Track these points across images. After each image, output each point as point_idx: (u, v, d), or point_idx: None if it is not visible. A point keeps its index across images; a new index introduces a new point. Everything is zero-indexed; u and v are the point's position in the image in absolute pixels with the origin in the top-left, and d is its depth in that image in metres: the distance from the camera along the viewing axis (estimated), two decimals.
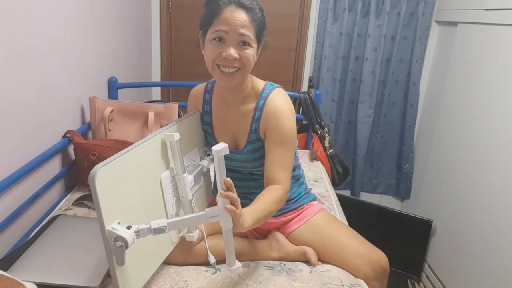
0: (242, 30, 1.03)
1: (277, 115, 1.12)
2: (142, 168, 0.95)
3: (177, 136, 1.02)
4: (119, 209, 0.86)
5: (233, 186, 0.91)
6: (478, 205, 1.97)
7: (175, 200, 1.09)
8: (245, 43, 1.04)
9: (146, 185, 0.97)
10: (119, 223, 0.84)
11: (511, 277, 1.70)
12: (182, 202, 1.09)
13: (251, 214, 0.97)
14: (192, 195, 1.10)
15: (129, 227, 0.83)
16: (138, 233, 0.84)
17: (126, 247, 0.81)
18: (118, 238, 0.80)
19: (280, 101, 1.14)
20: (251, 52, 1.06)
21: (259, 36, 1.08)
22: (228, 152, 0.87)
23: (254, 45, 1.07)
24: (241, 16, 1.03)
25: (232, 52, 1.03)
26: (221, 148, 0.88)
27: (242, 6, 1.03)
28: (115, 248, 0.81)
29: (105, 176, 0.81)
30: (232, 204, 0.89)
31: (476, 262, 1.95)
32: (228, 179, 0.90)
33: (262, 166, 1.18)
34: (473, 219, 2.01)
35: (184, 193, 1.07)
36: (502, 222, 1.78)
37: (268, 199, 1.06)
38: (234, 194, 0.89)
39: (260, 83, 1.19)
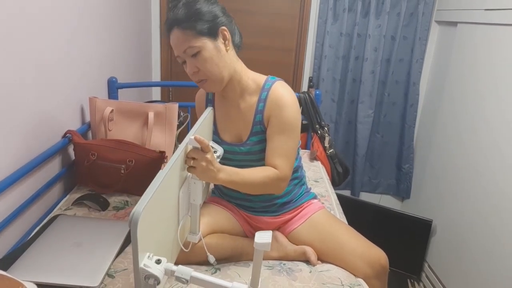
0: (182, 47, 1.08)
1: (280, 103, 1.14)
2: (167, 193, 0.93)
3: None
4: (149, 241, 0.84)
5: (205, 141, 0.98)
6: (478, 205, 1.97)
7: (186, 205, 1.08)
8: (194, 54, 1.08)
9: (167, 206, 0.95)
10: (148, 256, 0.82)
11: (511, 277, 1.70)
12: (191, 204, 1.08)
13: (227, 169, 1.06)
14: (201, 198, 1.09)
15: (158, 261, 0.81)
16: (168, 271, 0.83)
17: (158, 283, 0.80)
18: (150, 275, 0.79)
19: (283, 91, 1.16)
20: (202, 55, 1.08)
21: (203, 30, 1.07)
22: (269, 249, 0.81)
23: (202, 41, 1.07)
24: (175, 36, 1.08)
25: (189, 69, 1.12)
26: (264, 242, 0.79)
27: (175, 24, 1.08)
28: (147, 284, 0.80)
29: (145, 216, 0.78)
30: (203, 150, 0.98)
31: (476, 262, 1.95)
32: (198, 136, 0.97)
33: (264, 160, 1.18)
34: (473, 219, 2.01)
35: (195, 197, 1.06)
36: (502, 222, 1.78)
37: (253, 169, 1.12)
38: (206, 141, 0.97)
39: (261, 77, 1.21)
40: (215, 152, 1.22)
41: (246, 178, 1.09)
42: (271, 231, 0.81)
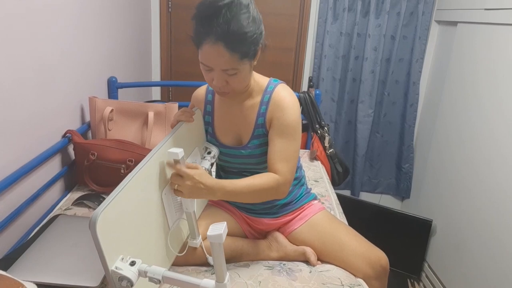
0: (223, 67, 1.01)
1: (282, 106, 1.13)
2: (141, 194, 0.91)
3: (181, 152, 0.97)
4: (121, 244, 0.82)
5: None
6: (478, 204, 1.97)
7: (176, 210, 1.08)
8: (232, 74, 1.03)
9: (146, 208, 0.93)
10: (122, 259, 0.81)
11: (511, 276, 1.70)
12: (185, 213, 1.08)
13: (224, 185, 1.03)
14: (194, 205, 1.09)
15: (132, 263, 0.81)
16: (142, 272, 0.82)
17: (132, 285, 0.79)
18: (123, 278, 0.78)
19: (285, 94, 1.15)
20: (239, 75, 1.04)
21: (248, 53, 1.02)
22: (223, 240, 0.78)
23: (244, 64, 1.03)
24: (219, 52, 0.97)
25: (219, 83, 1.05)
26: (216, 234, 0.77)
27: (220, 39, 0.96)
28: (121, 287, 0.80)
29: (106, 219, 0.76)
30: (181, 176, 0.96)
31: (476, 262, 1.95)
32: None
33: (265, 163, 1.17)
34: (473, 219, 2.02)
35: (187, 205, 1.06)
36: (502, 221, 1.78)
37: (252, 178, 1.08)
38: (180, 168, 0.96)
39: (264, 79, 1.20)
40: (209, 153, 1.21)
41: (245, 189, 1.06)
42: (225, 222, 0.79)
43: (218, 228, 0.78)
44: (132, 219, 0.87)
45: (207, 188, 0.99)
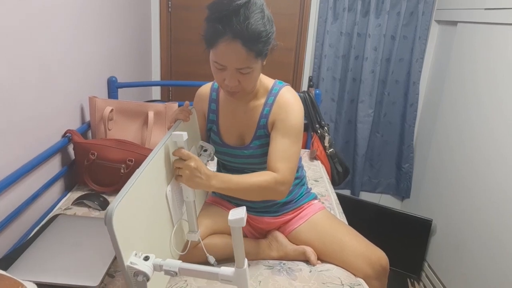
0: (239, 65, 1.01)
1: (287, 108, 1.14)
2: (148, 191, 0.92)
3: (185, 135, 0.98)
4: (134, 239, 0.83)
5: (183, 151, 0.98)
6: (478, 204, 1.97)
7: (179, 208, 1.08)
8: (245, 72, 1.03)
9: (153, 206, 0.94)
10: (135, 254, 0.82)
11: (511, 276, 1.70)
12: (185, 202, 1.09)
13: (219, 175, 1.03)
14: (194, 195, 1.10)
15: (146, 258, 0.82)
16: (157, 266, 0.83)
17: (148, 279, 0.80)
18: (139, 272, 0.79)
19: (290, 96, 1.16)
20: (251, 74, 1.05)
21: (262, 52, 1.03)
22: (244, 224, 0.79)
23: (257, 63, 1.04)
24: (236, 50, 0.98)
25: (231, 83, 1.05)
26: (237, 218, 0.79)
27: (239, 37, 0.97)
28: (137, 282, 0.80)
29: (120, 214, 0.77)
30: (184, 159, 0.98)
31: (476, 262, 1.95)
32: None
33: (266, 163, 1.17)
34: (473, 219, 2.02)
35: (188, 194, 1.07)
36: (502, 221, 1.78)
37: (250, 174, 1.08)
38: (184, 151, 0.98)
39: (269, 81, 1.21)
40: (205, 150, 1.21)
41: (241, 183, 1.06)
42: (244, 207, 0.80)
43: (239, 213, 0.79)
44: (141, 216, 0.88)
45: (204, 176, 0.99)
